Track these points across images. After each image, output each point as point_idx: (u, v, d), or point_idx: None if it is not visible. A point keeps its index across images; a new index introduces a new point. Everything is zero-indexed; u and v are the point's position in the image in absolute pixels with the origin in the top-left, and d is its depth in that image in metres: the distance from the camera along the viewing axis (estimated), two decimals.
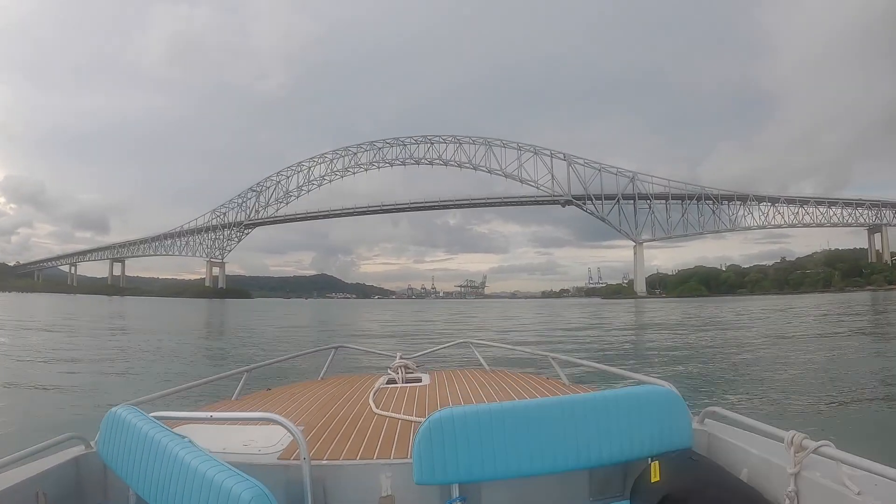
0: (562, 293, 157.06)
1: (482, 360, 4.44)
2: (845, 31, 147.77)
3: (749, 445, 1.85)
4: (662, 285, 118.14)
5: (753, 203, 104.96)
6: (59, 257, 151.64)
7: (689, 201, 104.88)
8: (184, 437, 1.76)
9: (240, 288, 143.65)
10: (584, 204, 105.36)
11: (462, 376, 3.91)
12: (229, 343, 19.58)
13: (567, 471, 1.96)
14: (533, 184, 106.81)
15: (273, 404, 3.12)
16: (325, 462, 2.10)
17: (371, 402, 3.03)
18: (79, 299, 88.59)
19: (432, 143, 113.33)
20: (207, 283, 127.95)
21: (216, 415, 2.22)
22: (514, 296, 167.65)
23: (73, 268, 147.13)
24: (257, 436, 2.29)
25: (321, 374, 4.37)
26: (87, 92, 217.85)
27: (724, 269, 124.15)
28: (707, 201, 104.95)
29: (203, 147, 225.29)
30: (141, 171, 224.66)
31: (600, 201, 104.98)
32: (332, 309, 65.80)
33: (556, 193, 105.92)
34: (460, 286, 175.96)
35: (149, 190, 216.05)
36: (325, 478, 2.03)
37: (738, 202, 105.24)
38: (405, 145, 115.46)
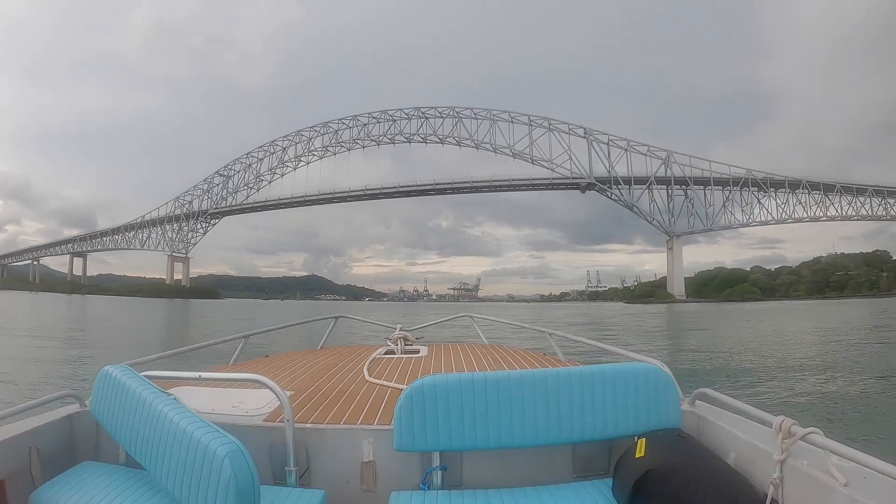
0: (562, 297, 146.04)
1: (481, 334, 4.74)
2: (848, 34, 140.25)
3: (738, 430, 1.79)
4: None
5: (804, 191, 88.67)
6: (17, 252, 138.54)
7: (732, 187, 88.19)
8: (170, 395, 1.80)
9: (206, 287, 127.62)
10: (609, 189, 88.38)
11: (459, 349, 4.01)
12: None
13: (550, 445, 1.93)
14: (547, 164, 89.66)
15: (266, 370, 3.10)
16: (308, 425, 2.10)
17: (365, 370, 3.09)
18: (22, 298, 74.90)
19: (426, 118, 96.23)
20: (168, 282, 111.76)
21: (205, 375, 2.30)
22: (510, 299, 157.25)
23: (34, 263, 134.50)
24: (246, 399, 2.33)
25: (320, 344, 4.52)
26: (79, 88, 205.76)
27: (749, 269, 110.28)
28: (753, 188, 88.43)
29: (201, 146, 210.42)
30: (136, 170, 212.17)
31: (628, 186, 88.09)
32: (311, 312, 51.51)
33: (575, 176, 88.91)
34: (454, 289, 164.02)
35: (143, 188, 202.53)
36: (308, 441, 2.03)
37: (788, 189, 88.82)
38: (395, 120, 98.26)
